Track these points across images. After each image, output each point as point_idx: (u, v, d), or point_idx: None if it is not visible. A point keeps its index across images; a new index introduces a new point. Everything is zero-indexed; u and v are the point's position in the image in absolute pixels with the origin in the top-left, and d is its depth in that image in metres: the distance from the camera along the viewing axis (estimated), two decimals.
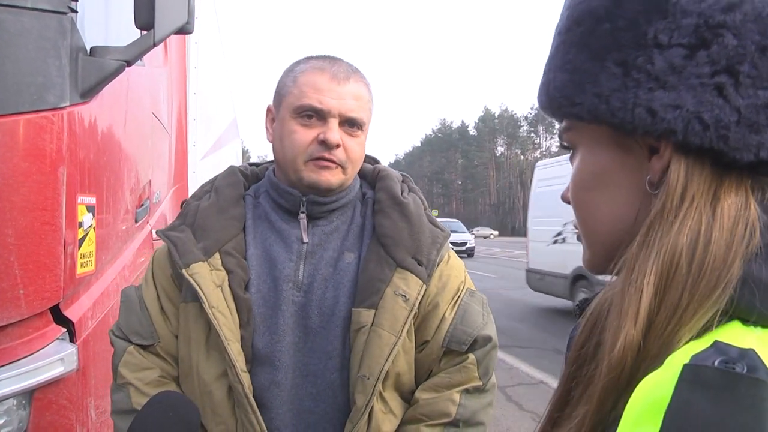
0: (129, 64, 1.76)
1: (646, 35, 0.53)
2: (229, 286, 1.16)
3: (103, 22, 2.03)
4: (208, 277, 1.15)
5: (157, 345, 1.23)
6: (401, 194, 1.28)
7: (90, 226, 1.75)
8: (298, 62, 1.24)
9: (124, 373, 1.20)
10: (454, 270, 1.28)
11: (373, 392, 1.14)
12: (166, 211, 3.14)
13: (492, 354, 1.25)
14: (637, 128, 0.53)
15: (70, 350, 1.58)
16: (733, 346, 0.43)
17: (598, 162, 0.59)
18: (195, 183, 3.89)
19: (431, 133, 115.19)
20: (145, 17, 1.77)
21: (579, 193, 0.62)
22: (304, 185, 1.20)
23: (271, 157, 1.34)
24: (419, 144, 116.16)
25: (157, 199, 2.85)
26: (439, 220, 1.31)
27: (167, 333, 1.23)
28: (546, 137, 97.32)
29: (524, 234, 11.46)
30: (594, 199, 0.60)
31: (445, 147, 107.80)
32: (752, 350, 0.42)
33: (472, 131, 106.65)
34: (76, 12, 1.64)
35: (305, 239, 1.22)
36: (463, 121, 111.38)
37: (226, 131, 6.87)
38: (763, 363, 0.41)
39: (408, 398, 1.26)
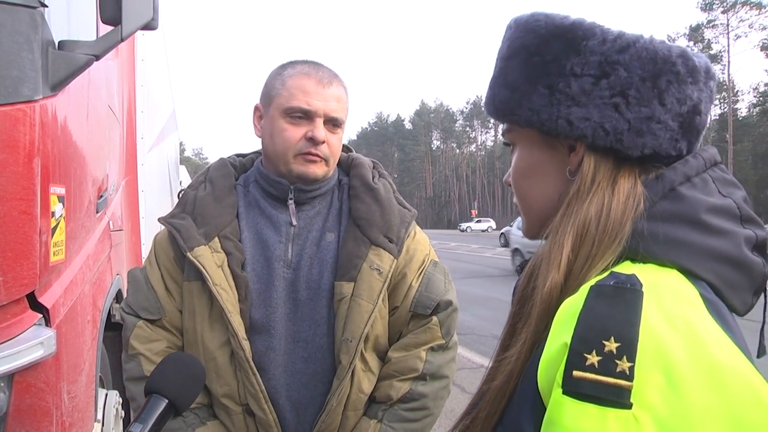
0: (98, 58, 1.81)
1: (566, 67, 0.73)
2: (229, 266, 1.32)
3: (64, 16, 2.06)
4: (211, 259, 1.30)
5: (164, 319, 1.37)
6: (372, 180, 1.44)
7: (60, 216, 1.79)
8: (285, 66, 1.39)
9: (135, 345, 1.34)
10: (419, 244, 1.46)
11: (355, 353, 1.31)
12: (117, 203, 3.15)
13: (453, 316, 1.44)
14: (559, 133, 0.74)
15: (49, 334, 1.63)
16: (622, 273, 0.64)
17: (531, 157, 0.80)
18: (143, 175, 3.88)
19: (367, 126, 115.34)
20: (110, 13, 1.82)
21: (518, 179, 0.82)
22: (293, 176, 1.36)
23: (206, 151, 1.48)
24: (355, 137, 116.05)
25: (113, 190, 2.87)
26: None
27: (172, 308, 1.38)
28: (482, 132, 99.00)
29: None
30: (529, 184, 0.81)
31: (381, 140, 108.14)
32: (634, 275, 0.63)
33: (408, 125, 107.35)
34: (46, 6, 1.69)
35: (293, 222, 1.38)
36: (399, 115, 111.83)
37: (167, 123, 6.78)
38: (639, 281, 0.62)
39: (384, 358, 1.43)
